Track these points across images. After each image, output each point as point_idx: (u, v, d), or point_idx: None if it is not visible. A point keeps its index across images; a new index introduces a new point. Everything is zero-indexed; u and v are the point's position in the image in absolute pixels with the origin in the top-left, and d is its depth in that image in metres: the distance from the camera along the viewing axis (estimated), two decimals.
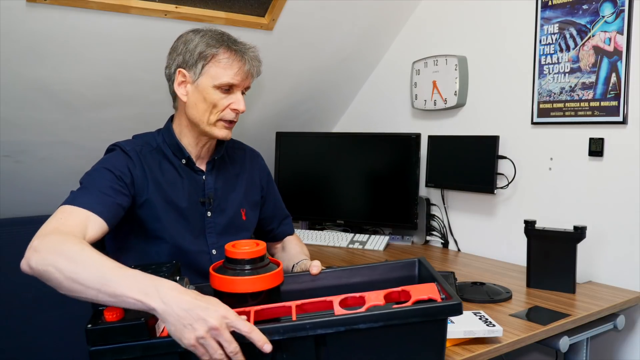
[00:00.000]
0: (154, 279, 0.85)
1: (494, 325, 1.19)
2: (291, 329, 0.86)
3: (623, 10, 1.59)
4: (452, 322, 1.19)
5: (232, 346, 0.81)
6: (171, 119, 1.32)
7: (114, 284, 0.84)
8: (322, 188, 2.37)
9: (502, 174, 1.91)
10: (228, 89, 1.22)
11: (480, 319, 1.23)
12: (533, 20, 1.82)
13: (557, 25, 1.75)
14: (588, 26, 1.67)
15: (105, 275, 0.85)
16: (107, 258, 0.90)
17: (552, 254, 1.55)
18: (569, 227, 1.54)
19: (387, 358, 0.92)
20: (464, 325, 1.19)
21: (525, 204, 1.88)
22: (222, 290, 1.00)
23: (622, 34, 1.59)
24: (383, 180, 2.22)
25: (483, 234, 2.03)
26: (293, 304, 0.97)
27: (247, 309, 0.95)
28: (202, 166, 1.32)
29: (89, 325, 0.83)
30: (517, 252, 1.84)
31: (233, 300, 0.99)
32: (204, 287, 1.08)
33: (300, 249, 1.47)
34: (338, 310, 0.94)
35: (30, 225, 1.09)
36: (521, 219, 1.62)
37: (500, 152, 1.91)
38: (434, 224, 2.19)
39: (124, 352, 0.83)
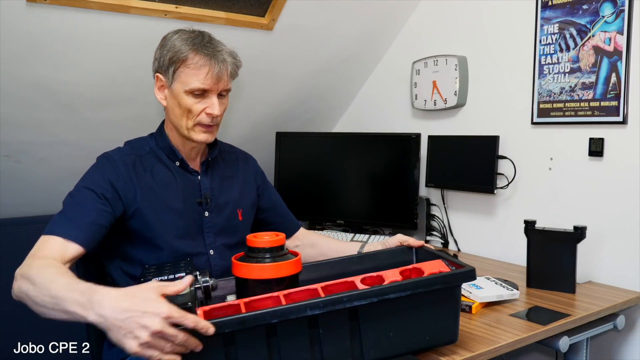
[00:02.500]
0: (90, 290, 0.85)
1: (511, 290, 1.43)
2: (330, 302, 0.92)
3: (623, 10, 1.58)
4: (481, 287, 1.42)
5: (179, 337, 0.80)
6: (163, 121, 1.32)
7: (62, 302, 0.86)
8: (322, 188, 2.37)
9: (502, 174, 1.91)
10: (201, 93, 1.19)
11: (496, 283, 1.48)
12: (533, 20, 1.82)
13: (557, 25, 1.75)
14: (588, 26, 1.67)
15: (55, 294, 0.87)
16: (62, 276, 0.91)
17: (552, 254, 1.55)
18: (569, 227, 1.54)
19: (409, 324, 1.01)
20: (490, 290, 1.41)
21: (525, 204, 1.88)
22: (248, 278, 1.04)
23: (622, 34, 1.59)
24: (383, 180, 2.22)
25: (483, 234, 2.03)
26: (318, 286, 1.02)
27: (275, 294, 0.99)
28: (196, 167, 1.32)
29: None
30: (517, 252, 1.84)
31: (258, 287, 1.03)
32: (232, 279, 1.12)
33: (336, 241, 1.55)
34: (362, 288, 1.00)
35: (30, 225, 1.09)
36: (521, 219, 1.62)
37: (500, 152, 1.91)
38: (434, 224, 2.19)
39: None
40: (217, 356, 0.88)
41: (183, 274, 1.00)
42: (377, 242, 1.40)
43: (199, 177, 1.31)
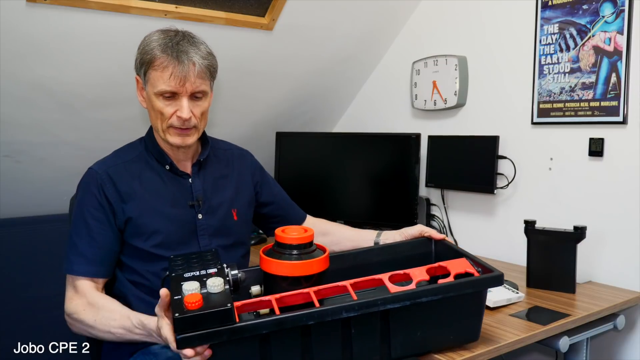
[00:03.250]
0: (142, 324, 1.03)
1: (517, 292, 1.44)
2: (365, 305, 0.95)
3: (623, 10, 1.58)
4: (490, 291, 1.33)
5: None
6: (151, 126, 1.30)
7: (127, 337, 1.07)
8: (322, 188, 2.37)
9: (502, 174, 1.91)
10: (170, 95, 1.17)
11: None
12: (533, 20, 1.82)
13: (557, 25, 1.75)
14: (588, 26, 1.67)
15: (118, 333, 1.08)
16: (111, 318, 1.08)
17: (552, 254, 1.55)
18: (569, 227, 1.54)
19: (436, 324, 1.04)
20: (500, 294, 1.39)
21: (525, 204, 1.88)
22: (277, 274, 1.05)
23: (622, 34, 1.59)
24: (383, 180, 2.22)
25: (483, 234, 2.03)
26: (347, 283, 1.03)
27: (305, 290, 1.00)
28: (187, 169, 1.29)
29: (177, 314, 0.86)
30: (517, 252, 1.84)
31: (286, 282, 1.05)
32: (254, 270, 1.13)
33: (349, 229, 1.53)
34: (391, 287, 1.02)
35: (30, 225, 1.09)
36: (521, 219, 1.62)
37: (500, 152, 1.91)
38: (434, 224, 2.19)
39: (211, 338, 0.87)
40: (253, 356, 0.91)
41: (214, 270, 0.99)
42: (394, 232, 1.37)
43: (189, 180, 1.28)
